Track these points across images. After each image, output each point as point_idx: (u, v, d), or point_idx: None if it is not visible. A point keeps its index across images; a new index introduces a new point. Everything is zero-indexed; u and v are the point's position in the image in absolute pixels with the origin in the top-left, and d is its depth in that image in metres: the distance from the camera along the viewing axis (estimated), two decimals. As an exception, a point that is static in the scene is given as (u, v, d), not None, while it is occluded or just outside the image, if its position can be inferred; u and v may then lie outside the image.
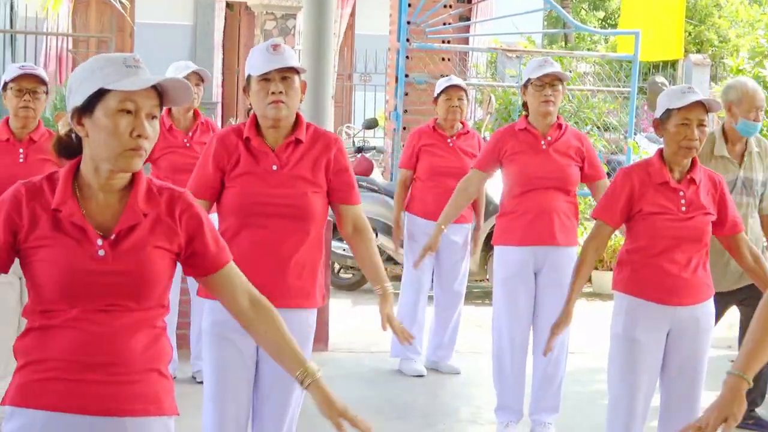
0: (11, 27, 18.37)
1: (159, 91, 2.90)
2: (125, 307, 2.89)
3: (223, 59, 21.19)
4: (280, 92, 4.23)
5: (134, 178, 2.96)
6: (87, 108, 2.86)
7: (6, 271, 2.96)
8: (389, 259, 10.53)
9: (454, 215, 6.62)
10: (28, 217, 2.89)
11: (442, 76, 12.07)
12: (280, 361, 3.19)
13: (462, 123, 7.84)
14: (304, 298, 4.38)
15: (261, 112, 4.29)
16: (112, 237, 2.88)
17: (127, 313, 2.89)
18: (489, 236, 8.74)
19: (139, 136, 2.83)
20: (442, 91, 7.72)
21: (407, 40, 11.83)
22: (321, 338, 8.10)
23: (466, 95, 7.83)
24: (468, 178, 6.49)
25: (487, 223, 9.06)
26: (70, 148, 2.95)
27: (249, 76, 4.31)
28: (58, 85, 15.54)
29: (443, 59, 12.29)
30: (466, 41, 15.01)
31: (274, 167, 4.30)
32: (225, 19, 21.22)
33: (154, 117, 2.88)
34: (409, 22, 11.84)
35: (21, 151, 5.84)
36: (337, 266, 10.85)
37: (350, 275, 11.08)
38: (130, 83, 2.82)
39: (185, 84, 2.90)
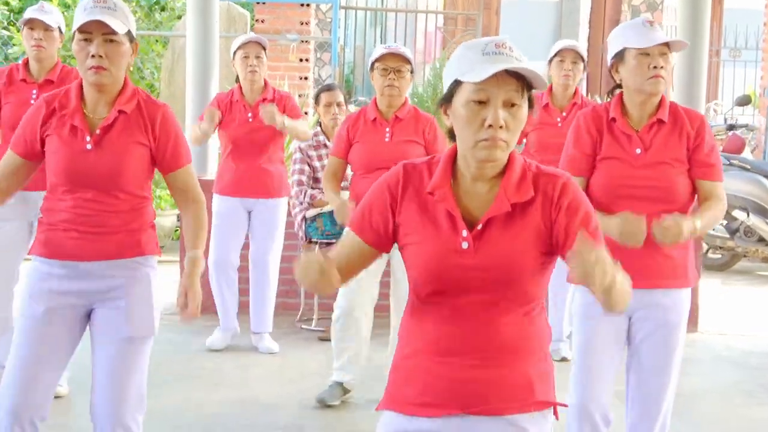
0: (382, 5, 18.93)
1: (521, 75, 2.73)
2: (491, 299, 2.79)
3: (589, 35, 21.07)
4: (661, 67, 4.20)
5: (508, 165, 2.83)
6: (448, 99, 2.81)
7: (387, 250, 2.94)
8: (761, 240, 10.18)
9: None
10: (402, 198, 2.87)
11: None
12: None
13: None
14: (677, 278, 4.34)
15: (638, 87, 4.26)
16: (478, 228, 2.79)
17: (494, 304, 2.79)
18: None
19: (491, 126, 2.72)
20: None
21: (783, 13, 11.45)
22: (691, 319, 7.89)
23: None
24: None
25: None
26: (451, 133, 2.88)
27: (623, 50, 4.26)
28: (427, 62, 15.85)
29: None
30: None
31: (638, 151, 4.28)
32: (591, -5, 21.10)
33: (514, 105, 2.73)
34: (785, -5, 11.47)
35: (387, 130, 6.10)
36: (705, 246, 10.59)
37: (719, 255, 10.81)
38: (477, 74, 2.69)
39: (534, 72, 2.70)
